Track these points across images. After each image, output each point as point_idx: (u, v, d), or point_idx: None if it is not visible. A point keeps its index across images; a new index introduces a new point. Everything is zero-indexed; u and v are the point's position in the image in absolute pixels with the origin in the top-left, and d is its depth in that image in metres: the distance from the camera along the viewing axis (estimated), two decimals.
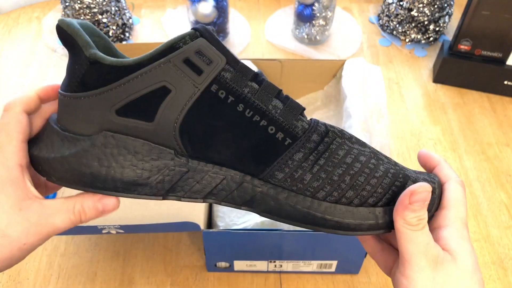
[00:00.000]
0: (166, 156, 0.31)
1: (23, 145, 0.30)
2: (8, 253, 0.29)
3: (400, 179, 0.32)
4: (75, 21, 0.30)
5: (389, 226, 0.31)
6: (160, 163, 0.31)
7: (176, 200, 0.32)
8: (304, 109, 0.32)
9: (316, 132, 0.31)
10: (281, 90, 0.31)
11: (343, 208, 0.31)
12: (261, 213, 0.32)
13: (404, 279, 0.29)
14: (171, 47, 0.29)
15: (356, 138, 0.33)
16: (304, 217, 0.31)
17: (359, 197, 0.31)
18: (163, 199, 0.32)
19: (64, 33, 0.30)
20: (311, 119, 0.32)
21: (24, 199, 0.29)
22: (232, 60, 0.30)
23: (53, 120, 0.32)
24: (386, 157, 0.33)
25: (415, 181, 0.31)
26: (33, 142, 0.32)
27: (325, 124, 0.32)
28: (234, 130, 0.30)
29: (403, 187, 0.31)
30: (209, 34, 0.29)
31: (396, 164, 0.33)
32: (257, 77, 0.31)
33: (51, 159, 0.30)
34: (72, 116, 0.30)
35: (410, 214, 0.29)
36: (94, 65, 0.29)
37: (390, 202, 0.31)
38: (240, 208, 0.33)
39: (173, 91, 0.29)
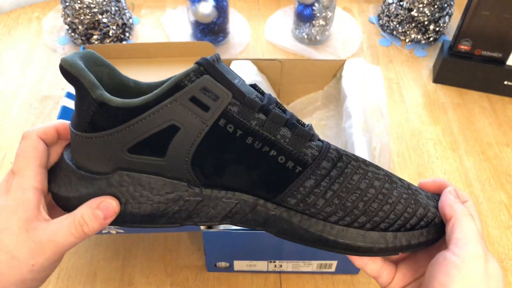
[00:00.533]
0: (180, 188, 0.31)
1: (40, 169, 0.31)
2: (18, 275, 0.29)
3: (412, 205, 0.32)
4: (77, 57, 0.30)
5: (397, 249, 0.32)
6: (175, 195, 0.31)
7: (193, 225, 0.33)
8: (312, 135, 0.32)
9: (326, 159, 0.31)
10: (288, 118, 0.31)
11: (355, 231, 0.32)
12: (275, 234, 0.33)
13: (457, 258, 0.29)
14: (176, 85, 0.29)
15: (369, 161, 0.33)
16: (317, 240, 0.32)
17: (372, 222, 0.32)
18: (181, 225, 0.33)
19: (68, 73, 0.30)
20: (323, 142, 0.32)
21: (32, 220, 0.29)
22: (238, 94, 0.30)
23: (68, 154, 0.32)
24: (399, 179, 0.34)
25: (425, 208, 0.32)
26: (51, 178, 0.32)
27: (337, 149, 0.32)
28: (244, 162, 0.31)
29: (414, 214, 0.32)
30: (213, 68, 0.29)
31: (409, 187, 0.33)
32: (263, 108, 0.31)
33: (71, 198, 0.31)
34: (85, 154, 0.31)
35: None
36: (101, 107, 0.29)
37: (401, 227, 0.32)
38: (255, 229, 0.33)
39: (182, 129, 0.29)
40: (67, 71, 0.30)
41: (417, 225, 0.32)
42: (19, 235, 0.29)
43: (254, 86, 0.33)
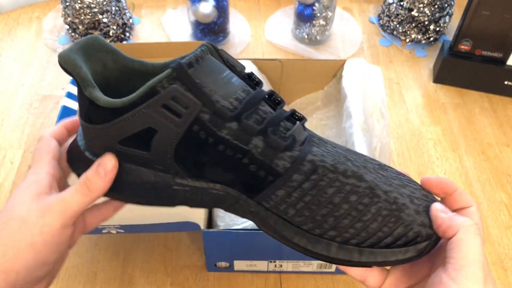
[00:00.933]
0: (169, 180, 0.32)
1: (53, 161, 0.34)
2: (29, 238, 0.30)
3: (389, 224, 0.30)
4: (75, 49, 0.31)
5: (370, 264, 0.31)
6: (165, 184, 0.33)
7: (187, 206, 0.34)
8: (286, 145, 0.31)
9: (298, 172, 0.31)
10: (261, 128, 0.31)
11: (325, 242, 0.31)
12: (258, 227, 0.34)
13: (453, 283, 0.28)
14: (152, 90, 0.29)
15: (353, 171, 0.31)
16: (290, 242, 0.32)
17: (341, 237, 0.31)
18: (174, 206, 0.34)
19: (64, 69, 0.31)
20: (300, 151, 0.31)
21: (43, 193, 0.32)
22: (208, 103, 0.30)
23: (80, 135, 0.35)
24: (385, 191, 0.31)
25: (407, 226, 0.30)
26: (69, 156, 0.35)
27: (313, 160, 0.31)
28: (220, 165, 0.31)
29: (390, 233, 0.30)
30: (184, 75, 0.29)
31: (394, 201, 0.31)
32: (235, 117, 0.30)
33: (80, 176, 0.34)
34: (89, 140, 0.33)
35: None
36: (91, 104, 0.31)
37: (373, 245, 0.31)
38: (244, 217, 0.34)
39: (159, 132, 0.30)
40: (62, 66, 0.31)
41: (393, 244, 0.30)
42: (30, 203, 0.31)
43: (249, 76, 0.33)
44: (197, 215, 0.47)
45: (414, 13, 0.82)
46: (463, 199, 0.32)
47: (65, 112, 0.56)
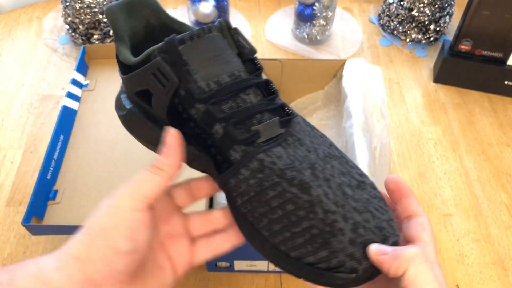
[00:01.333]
0: None
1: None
2: (100, 222, 0.30)
3: (315, 244, 0.29)
4: (120, 5, 0.35)
5: (292, 274, 0.31)
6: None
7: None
8: (242, 139, 0.31)
9: (245, 167, 0.31)
10: (224, 116, 0.31)
11: (261, 239, 0.31)
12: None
13: None
14: (148, 57, 0.32)
15: (302, 181, 0.30)
16: (240, 229, 0.33)
17: (272, 239, 0.31)
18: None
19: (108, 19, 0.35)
20: (258, 147, 0.31)
21: None
22: (184, 81, 0.31)
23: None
24: (326, 211, 0.29)
25: (333, 253, 0.29)
26: (115, 102, 0.40)
27: (262, 160, 0.31)
28: (194, 139, 0.33)
29: (314, 253, 0.29)
30: (173, 50, 0.31)
31: (331, 224, 0.29)
32: (203, 100, 0.31)
33: (120, 115, 0.39)
34: (124, 85, 0.37)
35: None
36: (117, 56, 0.35)
37: (298, 259, 0.30)
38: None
39: (154, 94, 0.33)
40: (107, 18, 0.35)
41: (316, 265, 0.29)
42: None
43: (252, 61, 0.34)
44: None
45: (414, 13, 0.82)
46: (415, 208, 0.32)
47: (65, 112, 0.56)
